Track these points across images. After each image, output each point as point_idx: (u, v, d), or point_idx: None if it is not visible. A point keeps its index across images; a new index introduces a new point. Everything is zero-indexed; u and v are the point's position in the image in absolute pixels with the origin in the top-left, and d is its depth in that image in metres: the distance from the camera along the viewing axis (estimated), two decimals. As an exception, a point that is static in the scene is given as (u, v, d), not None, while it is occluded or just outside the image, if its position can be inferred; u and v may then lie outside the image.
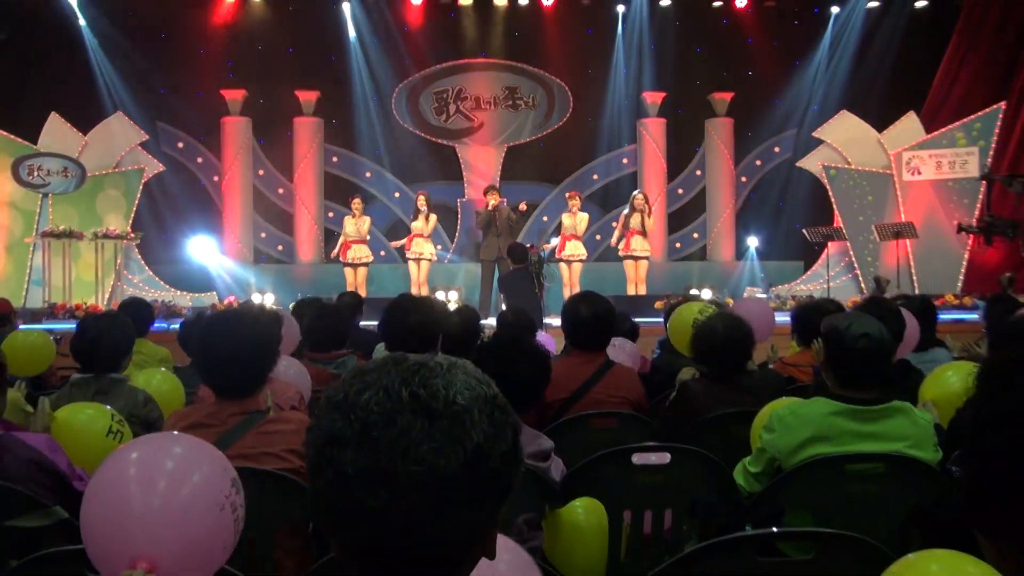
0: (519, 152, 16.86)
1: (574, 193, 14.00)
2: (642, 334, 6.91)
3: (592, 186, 16.80)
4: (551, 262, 13.25)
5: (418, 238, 13.70)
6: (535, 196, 16.58)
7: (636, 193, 13.96)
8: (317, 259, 15.97)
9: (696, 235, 16.98)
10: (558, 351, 5.86)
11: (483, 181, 15.80)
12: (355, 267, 13.81)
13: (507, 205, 13.71)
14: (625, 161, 16.95)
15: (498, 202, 13.52)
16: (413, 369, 1.22)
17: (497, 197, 13.63)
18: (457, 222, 16.51)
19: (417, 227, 13.67)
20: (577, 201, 13.76)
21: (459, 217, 16.49)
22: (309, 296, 8.02)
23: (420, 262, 13.74)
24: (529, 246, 11.80)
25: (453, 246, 16.42)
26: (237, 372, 2.96)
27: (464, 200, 16.49)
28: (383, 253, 15.70)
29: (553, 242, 13.75)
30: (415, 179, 16.45)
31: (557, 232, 14.16)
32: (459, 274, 15.39)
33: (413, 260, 13.75)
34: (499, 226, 13.32)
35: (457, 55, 16.76)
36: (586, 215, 13.92)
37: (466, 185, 16.65)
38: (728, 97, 16.45)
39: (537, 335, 5.99)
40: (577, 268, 13.54)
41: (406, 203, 15.62)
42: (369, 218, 14.15)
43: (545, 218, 16.41)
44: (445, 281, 14.75)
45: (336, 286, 12.76)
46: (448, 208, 16.19)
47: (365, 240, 13.90)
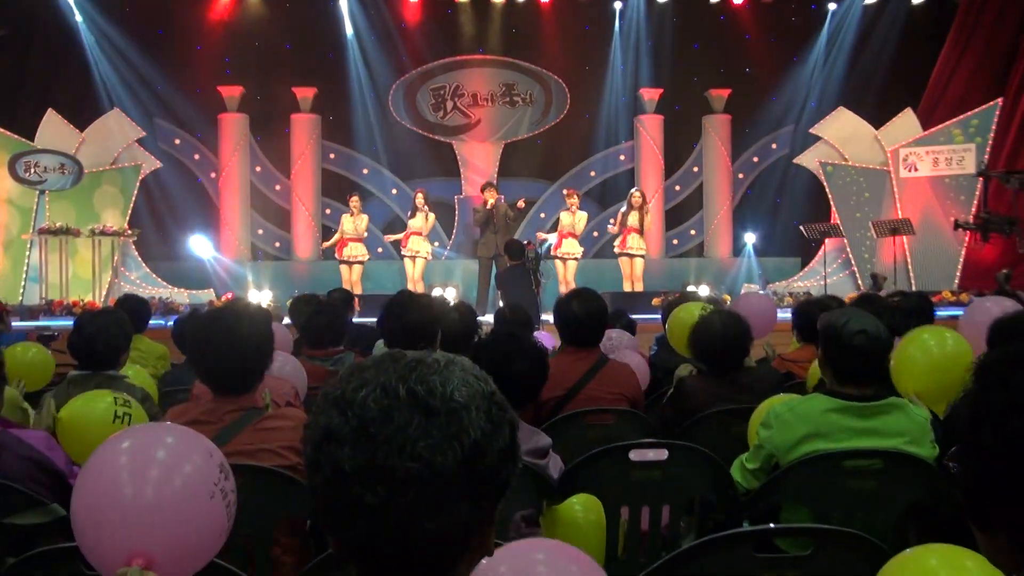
0: (516, 149, 16.84)
1: (572, 191, 14.01)
2: (639, 331, 6.91)
3: (589, 183, 16.78)
4: (548, 259, 13.26)
5: (415, 236, 13.70)
6: (532, 193, 16.56)
7: (633, 191, 13.97)
8: (314, 256, 15.95)
9: (693, 232, 16.97)
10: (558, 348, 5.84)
11: (480, 178, 15.79)
12: (350, 264, 13.80)
13: (505, 202, 13.70)
14: (622, 158, 16.93)
15: (496, 199, 13.51)
16: (410, 366, 1.22)
17: (495, 194, 13.62)
18: (454, 219, 16.50)
19: (415, 224, 13.66)
20: (576, 199, 13.77)
21: (456, 214, 16.48)
22: (306, 293, 8.03)
23: (416, 259, 13.74)
24: (526, 243, 11.81)
25: (450, 243, 16.41)
26: (234, 369, 2.95)
27: (461, 197, 16.48)
28: (380, 250, 15.69)
29: (551, 238, 13.76)
30: (412, 176, 16.44)
31: (554, 229, 14.14)
32: (456, 271, 15.38)
33: (409, 257, 13.76)
34: (496, 223, 13.32)
35: (454, 51, 16.74)
36: (585, 214, 13.94)
37: (463, 182, 16.63)
38: (725, 94, 16.43)
39: (536, 333, 6.00)
40: (572, 266, 13.55)
41: (404, 200, 15.61)
42: (367, 216, 14.14)
43: (543, 215, 16.39)
44: (442, 278, 14.74)
45: (334, 283, 12.72)
46: (445, 205, 16.18)
47: (362, 238, 13.90)
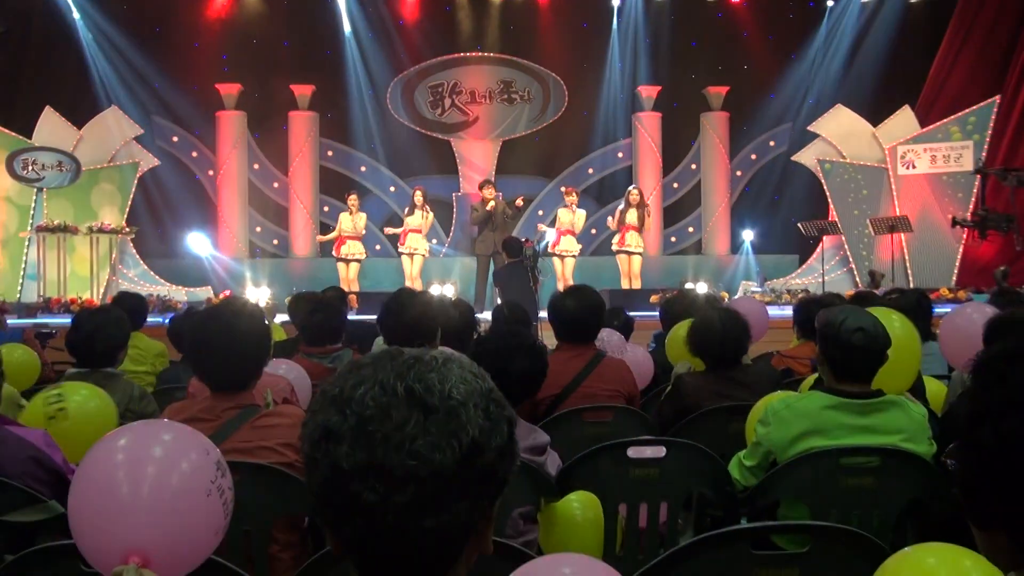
0: (514, 146, 16.83)
1: (571, 189, 14.00)
2: (637, 328, 6.92)
3: (587, 180, 16.77)
4: (546, 256, 13.25)
5: (413, 233, 13.68)
6: (530, 190, 16.55)
7: (631, 188, 13.97)
8: (312, 253, 15.94)
9: (691, 229, 16.96)
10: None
11: (478, 175, 15.78)
12: (348, 262, 13.79)
13: (503, 199, 13.69)
14: (620, 155, 16.92)
15: (494, 196, 13.49)
16: (408, 363, 1.22)
17: (493, 191, 13.60)
18: (452, 216, 16.49)
19: (414, 222, 13.63)
20: (574, 197, 13.76)
21: (454, 211, 16.47)
22: (305, 291, 8.02)
23: (414, 257, 13.72)
24: (524, 240, 11.79)
25: (448, 240, 16.40)
26: (231, 366, 2.95)
27: (459, 194, 16.46)
28: (378, 247, 15.68)
29: (550, 233, 13.73)
30: (410, 173, 16.43)
31: (551, 225, 14.12)
32: (454, 268, 15.36)
33: (407, 255, 13.74)
34: (495, 221, 13.31)
35: (452, 49, 16.73)
36: (584, 212, 13.94)
37: (461, 179, 16.62)
38: (723, 91, 16.41)
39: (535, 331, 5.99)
40: (571, 263, 13.55)
41: (402, 197, 15.59)
42: (365, 214, 14.12)
43: (540, 212, 16.38)
44: (440, 275, 14.72)
45: (332, 280, 12.74)
46: (443, 202, 16.17)
47: (360, 236, 13.88)
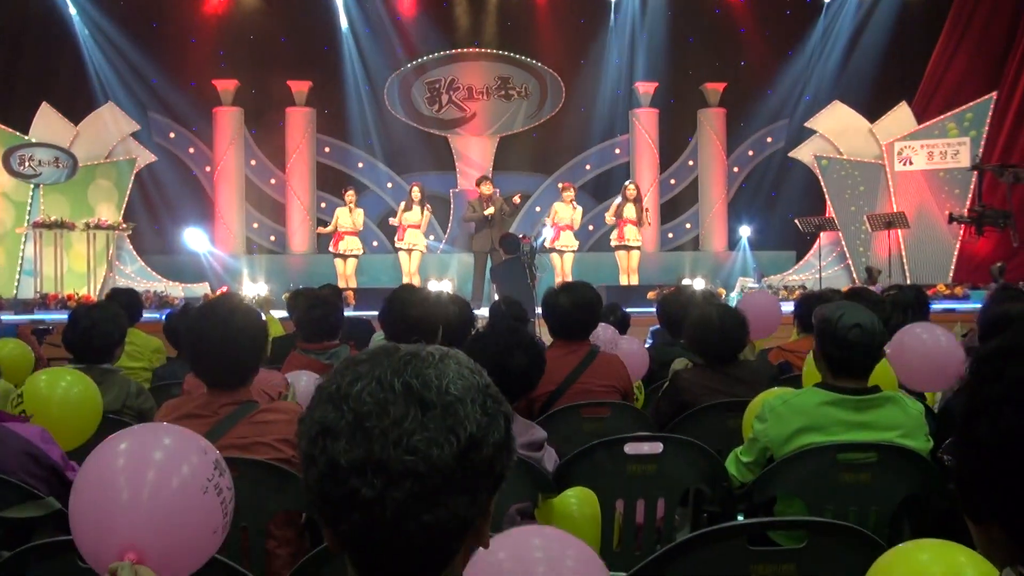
0: (511, 142, 16.82)
1: (568, 185, 13.98)
2: (634, 324, 6.93)
3: (585, 176, 16.76)
4: (543, 252, 13.24)
5: (412, 229, 13.66)
6: (527, 186, 16.55)
7: (628, 183, 13.96)
8: (310, 249, 15.92)
9: (688, 225, 16.96)
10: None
11: (475, 171, 15.74)
12: (345, 258, 13.77)
13: (500, 196, 13.68)
14: (617, 151, 16.91)
15: (492, 193, 13.47)
16: (405, 359, 1.22)
17: (491, 188, 13.59)
18: (449, 212, 16.47)
19: (412, 218, 13.59)
20: (572, 193, 13.74)
21: (451, 207, 16.45)
22: (304, 287, 8.03)
23: (412, 253, 13.70)
24: (522, 236, 11.79)
25: (446, 237, 16.39)
26: (228, 362, 2.94)
27: (456, 190, 16.44)
28: (375, 244, 15.67)
29: (546, 230, 13.72)
30: (407, 169, 16.40)
31: (544, 224, 14.12)
32: (451, 265, 15.35)
33: (405, 251, 13.72)
34: (492, 218, 13.29)
35: (449, 45, 16.70)
36: (580, 208, 13.94)
37: (458, 175, 16.60)
38: (720, 87, 16.39)
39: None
40: (569, 259, 13.55)
41: (399, 193, 15.56)
42: (362, 210, 14.10)
43: (538, 208, 16.37)
44: (437, 272, 14.71)
45: (329, 276, 12.73)
46: (441, 198, 16.15)
47: (357, 232, 13.86)
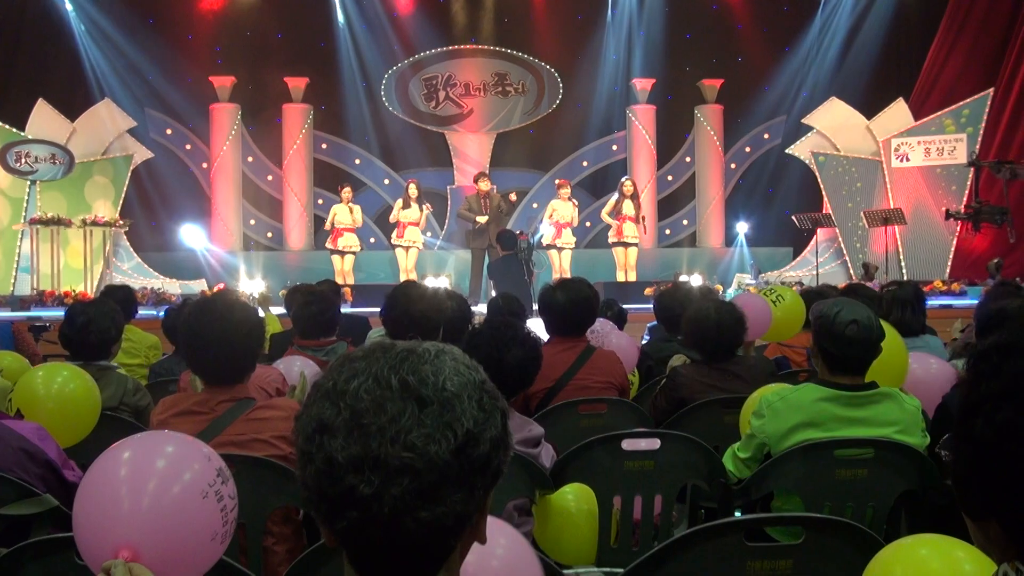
0: (509, 139, 16.82)
1: (564, 181, 13.98)
2: (631, 320, 6.94)
3: (581, 173, 16.77)
4: (540, 249, 13.25)
5: (412, 226, 13.65)
6: (524, 183, 16.56)
7: (624, 179, 13.95)
8: (307, 246, 15.92)
9: (686, 222, 16.97)
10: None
11: (473, 168, 15.76)
12: (343, 255, 13.76)
13: (497, 192, 13.68)
14: (615, 148, 16.92)
15: (489, 189, 13.48)
16: (402, 356, 1.21)
17: (488, 184, 13.60)
18: (447, 209, 16.46)
19: (411, 215, 13.57)
20: (568, 189, 13.74)
21: (448, 204, 16.44)
22: (302, 283, 8.01)
23: (409, 249, 13.69)
24: (519, 233, 11.79)
25: (443, 233, 16.38)
26: (225, 359, 2.94)
27: (454, 187, 16.44)
28: (372, 240, 15.66)
29: (544, 227, 13.72)
30: (404, 166, 16.41)
31: (541, 221, 14.12)
32: (449, 261, 15.36)
33: (403, 247, 13.70)
34: (488, 214, 13.30)
35: (447, 41, 16.70)
36: (578, 204, 13.96)
37: (456, 172, 16.60)
38: (717, 84, 16.41)
39: (529, 324, 5.97)
40: (567, 255, 13.56)
41: (395, 190, 15.55)
42: (359, 206, 14.09)
43: (535, 204, 16.38)
44: (434, 268, 14.71)
45: (326, 272, 12.72)
46: (438, 195, 16.14)
47: (356, 228, 13.84)
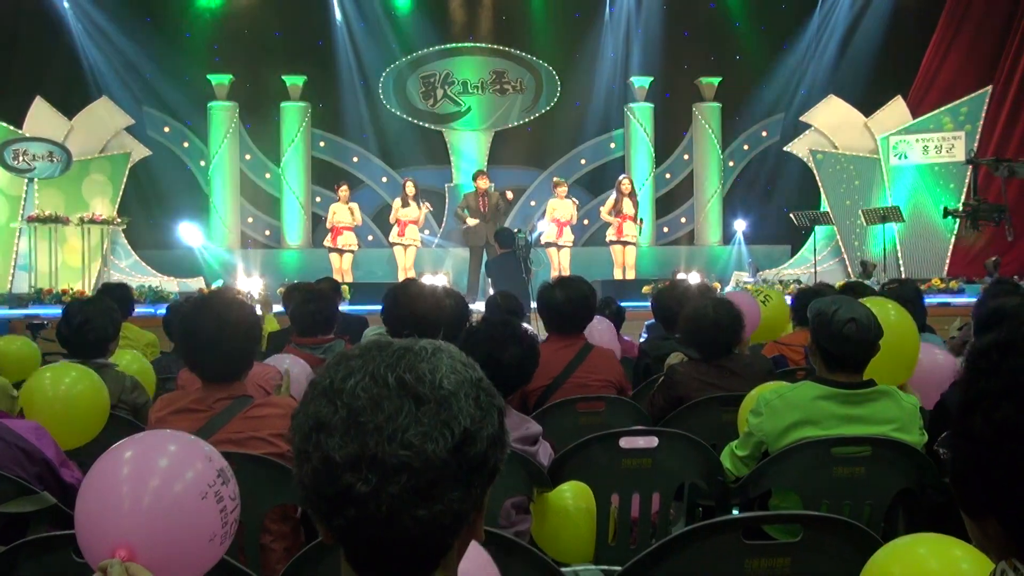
0: (506, 137, 16.81)
1: (561, 180, 13.97)
2: (629, 318, 6.94)
3: (579, 171, 16.77)
4: (538, 247, 13.24)
5: (412, 225, 13.64)
6: (522, 181, 16.55)
7: (622, 177, 13.92)
8: (305, 244, 15.91)
9: (684, 219, 16.97)
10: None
11: (470, 166, 15.75)
12: (342, 253, 13.74)
13: (495, 190, 13.68)
14: (612, 146, 16.92)
15: (488, 187, 13.48)
16: (399, 354, 1.21)
17: (487, 181, 13.61)
18: (445, 207, 16.45)
19: (411, 213, 13.55)
20: (565, 188, 13.74)
21: (447, 202, 16.42)
22: (300, 281, 8.02)
23: (408, 248, 13.68)
24: (516, 230, 11.78)
25: (440, 231, 16.36)
26: (222, 357, 2.93)
27: (451, 185, 16.42)
28: (370, 238, 15.65)
29: (542, 225, 13.71)
30: (402, 164, 16.39)
31: (542, 216, 14.12)
32: (446, 259, 15.35)
33: (402, 246, 13.69)
34: (486, 211, 13.30)
35: (445, 39, 16.68)
36: (577, 201, 13.95)
37: (453, 170, 16.59)
38: (715, 81, 16.41)
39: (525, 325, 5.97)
40: (566, 253, 13.55)
41: (393, 188, 15.53)
42: (358, 204, 14.07)
43: (533, 202, 16.37)
44: (432, 266, 14.70)
45: (324, 270, 12.71)
46: (436, 193, 16.12)
47: (354, 227, 13.83)
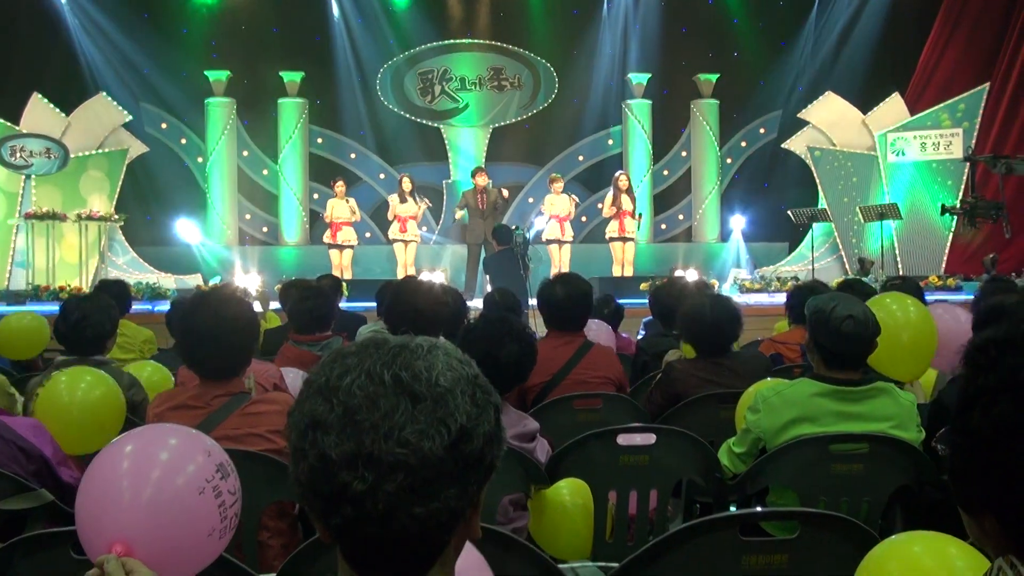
0: (504, 133, 16.80)
1: (557, 176, 13.96)
2: (627, 315, 6.94)
3: (577, 167, 16.76)
4: (536, 243, 13.23)
5: (412, 220, 13.63)
6: (520, 177, 16.54)
7: (619, 174, 13.91)
8: (302, 240, 15.89)
9: (681, 216, 16.96)
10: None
11: (468, 162, 15.75)
12: (342, 249, 13.73)
13: (493, 187, 13.68)
14: (610, 142, 16.91)
15: (486, 184, 13.48)
16: (394, 351, 1.21)
17: (486, 178, 13.60)
18: (442, 203, 16.44)
19: (408, 209, 13.55)
20: (561, 184, 13.73)
21: (444, 198, 16.41)
22: (297, 278, 8.01)
23: (409, 244, 13.67)
24: (514, 227, 11.77)
25: (438, 227, 16.35)
26: (220, 353, 2.94)
27: (449, 181, 16.41)
28: (368, 235, 15.65)
29: (539, 222, 13.71)
30: (400, 160, 16.38)
31: (539, 213, 14.12)
32: (444, 256, 15.34)
33: (403, 242, 13.68)
34: (484, 209, 13.30)
35: (442, 36, 16.66)
36: (576, 198, 13.95)
37: (451, 166, 16.58)
38: (713, 78, 16.41)
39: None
40: (567, 250, 13.56)
41: (391, 185, 15.52)
42: (355, 199, 14.06)
43: (531, 199, 16.37)
44: (430, 263, 14.70)
45: (322, 267, 12.69)
46: (433, 189, 16.11)
47: (354, 222, 13.83)
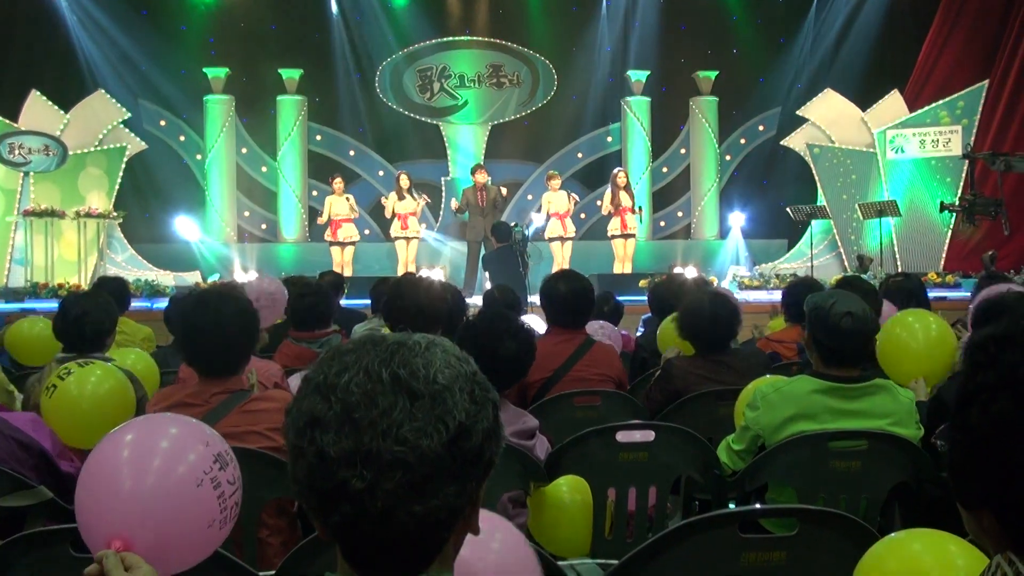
0: (503, 130, 16.79)
1: (555, 174, 13.96)
2: (626, 312, 6.94)
3: (576, 164, 16.75)
4: (535, 241, 13.23)
5: (412, 217, 13.63)
6: (519, 175, 16.53)
7: (618, 170, 13.90)
8: (301, 237, 15.89)
9: (680, 214, 16.95)
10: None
11: (467, 160, 15.74)
12: (343, 246, 13.72)
13: (492, 185, 13.69)
14: (609, 139, 16.90)
15: (486, 181, 13.48)
16: (392, 349, 1.21)
17: (485, 175, 13.60)
18: (441, 201, 16.43)
19: (407, 206, 13.54)
20: (558, 181, 13.73)
21: (443, 196, 16.40)
22: (296, 275, 8.00)
23: (411, 241, 13.66)
24: (513, 224, 11.77)
25: (437, 225, 16.35)
26: (220, 351, 2.94)
27: (448, 179, 16.40)
28: (367, 232, 15.64)
29: (538, 219, 13.71)
30: (399, 157, 16.37)
31: (538, 210, 14.12)
32: (444, 253, 15.34)
33: (403, 239, 13.67)
34: (484, 206, 13.30)
35: (441, 33, 16.65)
36: (574, 195, 13.95)
37: (450, 163, 16.58)
38: (712, 75, 16.40)
39: (524, 317, 5.99)
40: (569, 246, 13.55)
41: (390, 182, 15.49)
42: (353, 196, 14.05)
43: (530, 196, 16.36)
44: (429, 260, 14.69)
45: (321, 264, 12.65)
46: (432, 187, 16.10)
47: (353, 219, 13.82)
